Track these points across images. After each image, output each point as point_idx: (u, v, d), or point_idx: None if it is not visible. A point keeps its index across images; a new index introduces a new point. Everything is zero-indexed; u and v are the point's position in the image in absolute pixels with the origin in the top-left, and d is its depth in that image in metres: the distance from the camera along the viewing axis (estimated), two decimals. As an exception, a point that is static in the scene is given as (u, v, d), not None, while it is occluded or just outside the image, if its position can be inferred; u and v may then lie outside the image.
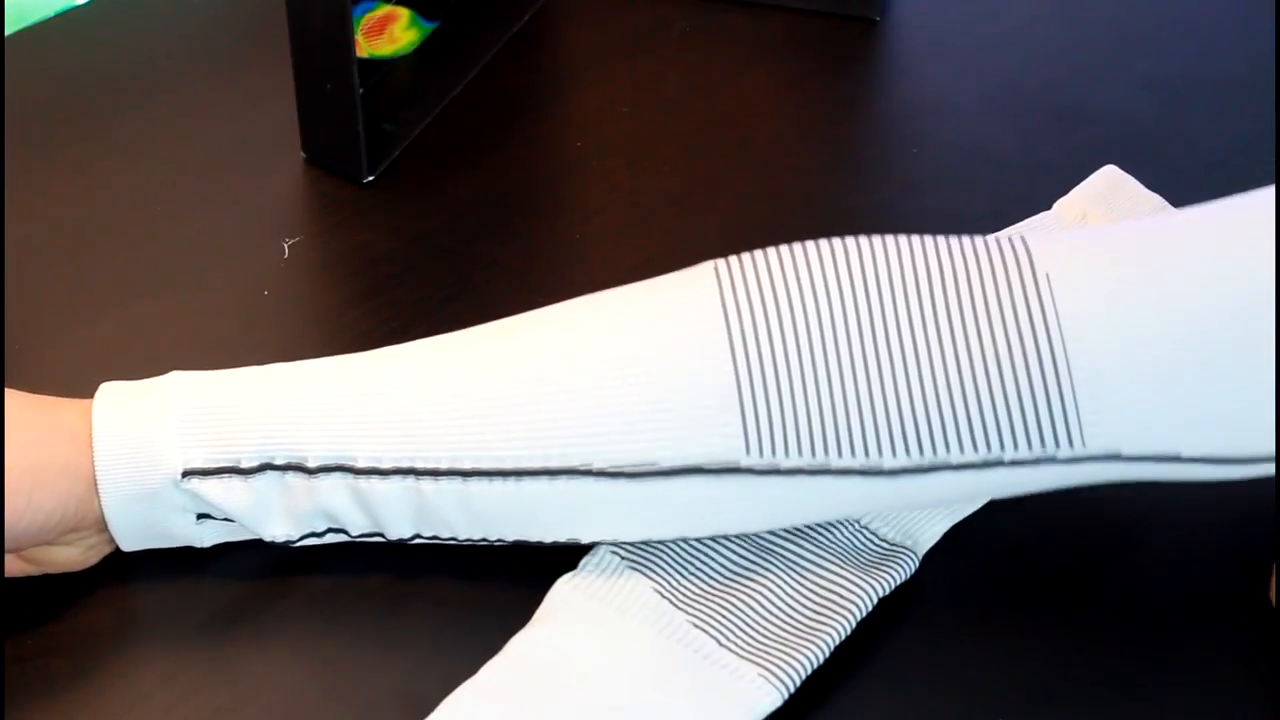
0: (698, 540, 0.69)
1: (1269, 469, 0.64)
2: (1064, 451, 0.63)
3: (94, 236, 0.86)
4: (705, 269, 0.66)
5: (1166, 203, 0.86)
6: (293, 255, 0.85)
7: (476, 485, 0.65)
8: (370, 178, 0.90)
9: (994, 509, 0.71)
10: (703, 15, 1.01)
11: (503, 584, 0.69)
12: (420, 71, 0.96)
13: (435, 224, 0.88)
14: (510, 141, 0.93)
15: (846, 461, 0.63)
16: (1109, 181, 0.87)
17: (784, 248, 0.66)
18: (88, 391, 0.67)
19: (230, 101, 0.95)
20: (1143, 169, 0.88)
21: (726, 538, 0.69)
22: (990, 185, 0.90)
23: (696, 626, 0.67)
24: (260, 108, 0.93)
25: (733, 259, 0.66)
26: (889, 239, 0.65)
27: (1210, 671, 0.67)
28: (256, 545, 0.69)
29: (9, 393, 0.66)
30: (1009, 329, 0.63)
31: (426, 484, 0.65)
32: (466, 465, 0.65)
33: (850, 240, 0.65)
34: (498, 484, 0.65)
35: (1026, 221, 0.85)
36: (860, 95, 0.99)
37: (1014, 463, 0.63)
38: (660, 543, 0.69)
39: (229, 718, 0.65)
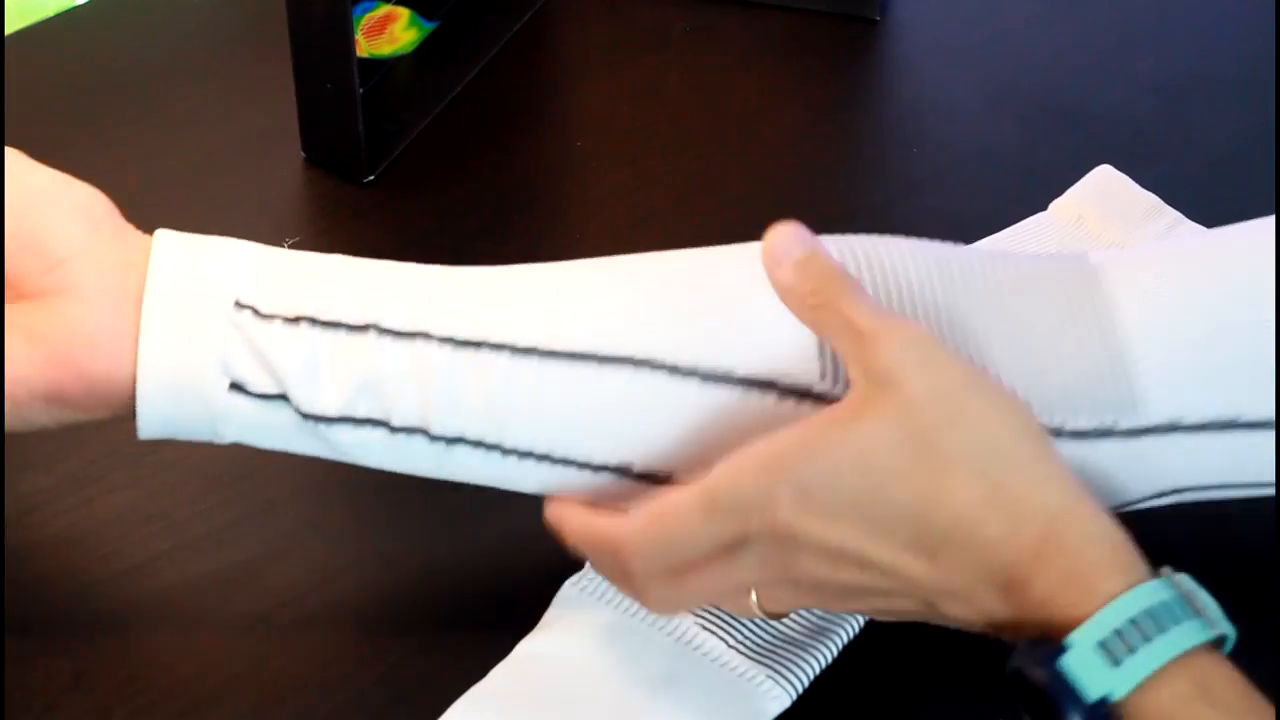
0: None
1: None
2: (1125, 421, 0.63)
3: (94, 237, 0.86)
4: None
5: (1162, 201, 0.86)
6: (293, 255, 0.85)
7: (552, 370, 0.63)
8: (370, 178, 0.89)
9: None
10: (703, 15, 1.01)
11: (509, 585, 0.69)
12: (420, 71, 0.96)
13: (435, 224, 0.87)
14: (510, 141, 0.93)
15: None
16: (1103, 181, 0.87)
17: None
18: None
19: (230, 101, 0.95)
20: (1143, 169, 0.88)
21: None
22: (990, 185, 0.90)
23: (705, 629, 0.67)
24: (260, 108, 0.93)
25: None
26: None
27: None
28: (259, 540, 0.69)
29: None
30: (1061, 300, 0.64)
31: (502, 359, 0.63)
32: (544, 347, 0.63)
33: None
34: (571, 370, 0.63)
35: (1023, 223, 0.85)
36: (860, 95, 0.99)
37: (1075, 433, 0.63)
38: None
39: (230, 715, 0.65)
